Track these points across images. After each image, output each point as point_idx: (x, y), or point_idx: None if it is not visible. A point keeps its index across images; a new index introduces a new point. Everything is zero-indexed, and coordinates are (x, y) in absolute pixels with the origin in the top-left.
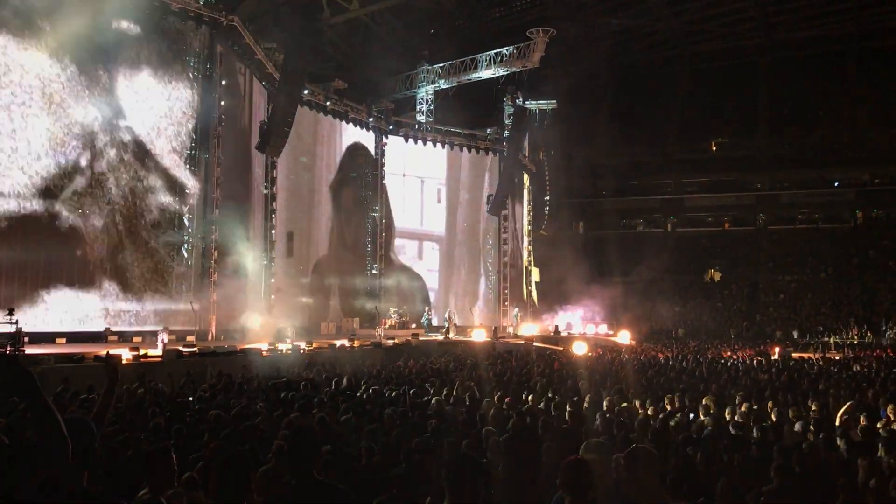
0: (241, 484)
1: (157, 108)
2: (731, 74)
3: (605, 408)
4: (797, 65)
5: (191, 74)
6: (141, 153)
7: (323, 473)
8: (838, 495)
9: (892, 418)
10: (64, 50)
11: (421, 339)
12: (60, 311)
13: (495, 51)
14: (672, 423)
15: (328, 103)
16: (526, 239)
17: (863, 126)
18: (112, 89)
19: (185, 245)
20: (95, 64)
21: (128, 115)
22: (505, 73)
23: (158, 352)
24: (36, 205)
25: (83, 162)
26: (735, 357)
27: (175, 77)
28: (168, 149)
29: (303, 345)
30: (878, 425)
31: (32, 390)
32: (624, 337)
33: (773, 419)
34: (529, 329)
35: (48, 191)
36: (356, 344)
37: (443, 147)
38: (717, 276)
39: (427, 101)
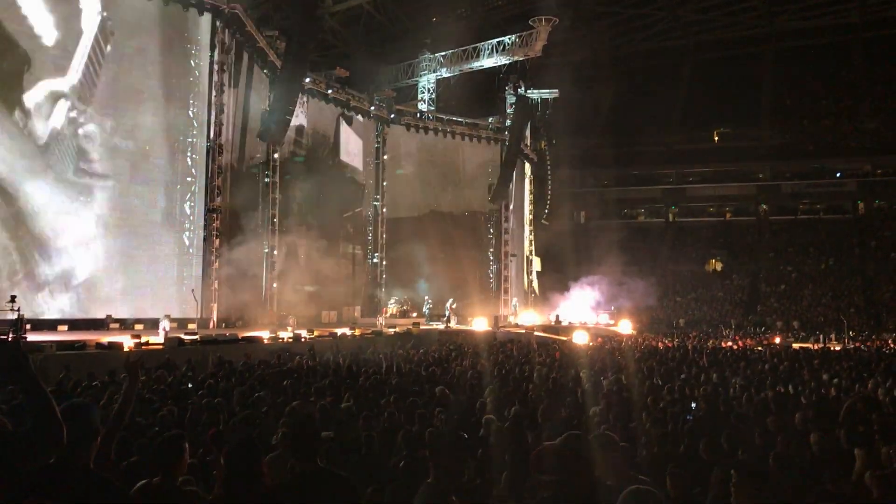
0: (252, 470)
1: (159, 93)
2: (734, 64)
3: (605, 397)
4: (801, 55)
5: (192, 62)
6: (142, 139)
7: (325, 461)
8: (835, 485)
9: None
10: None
11: (422, 327)
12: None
13: (497, 39)
14: (672, 411)
15: (329, 91)
16: (527, 228)
17: (865, 116)
18: (114, 74)
19: (187, 233)
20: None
21: (127, 97)
22: (507, 62)
23: (160, 339)
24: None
25: (86, 148)
26: (736, 347)
27: (177, 64)
28: (170, 135)
29: (304, 333)
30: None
31: (27, 373)
32: (625, 326)
33: (773, 409)
34: (530, 318)
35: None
36: (357, 332)
37: (444, 136)
38: (719, 266)
39: (429, 89)
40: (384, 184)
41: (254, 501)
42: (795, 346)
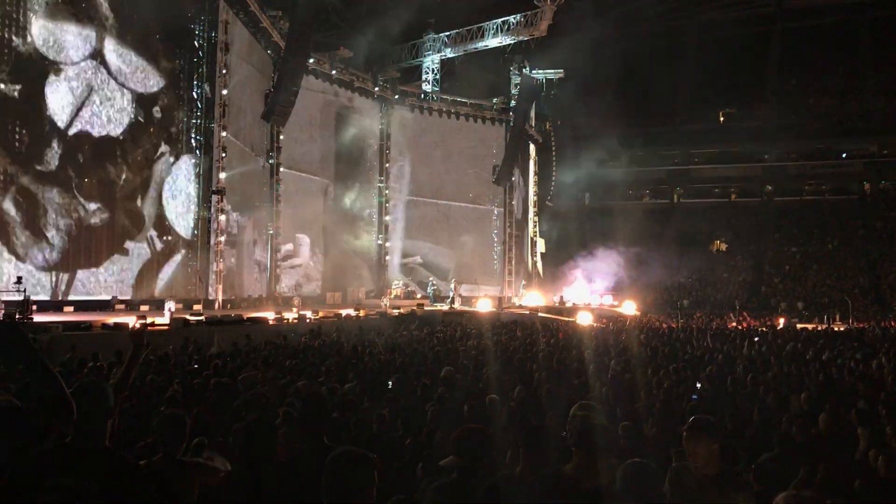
0: (268, 445)
1: (160, 75)
2: (741, 44)
3: (609, 378)
4: (807, 34)
5: (196, 42)
6: (145, 122)
7: (332, 440)
8: (839, 465)
9: None
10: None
11: (426, 308)
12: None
13: (502, 19)
14: (677, 392)
15: (333, 72)
16: (532, 210)
17: (871, 97)
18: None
19: (193, 214)
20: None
21: (128, 81)
22: (512, 42)
23: (165, 320)
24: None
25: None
26: (740, 328)
27: (180, 44)
28: (173, 115)
29: (309, 314)
30: None
31: (27, 351)
32: (629, 308)
33: (777, 389)
34: (534, 299)
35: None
36: (362, 313)
37: (448, 117)
38: (723, 247)
39: (433, 70)
40: (387, 165)
41: (269, 475)
42: (799, 326)
